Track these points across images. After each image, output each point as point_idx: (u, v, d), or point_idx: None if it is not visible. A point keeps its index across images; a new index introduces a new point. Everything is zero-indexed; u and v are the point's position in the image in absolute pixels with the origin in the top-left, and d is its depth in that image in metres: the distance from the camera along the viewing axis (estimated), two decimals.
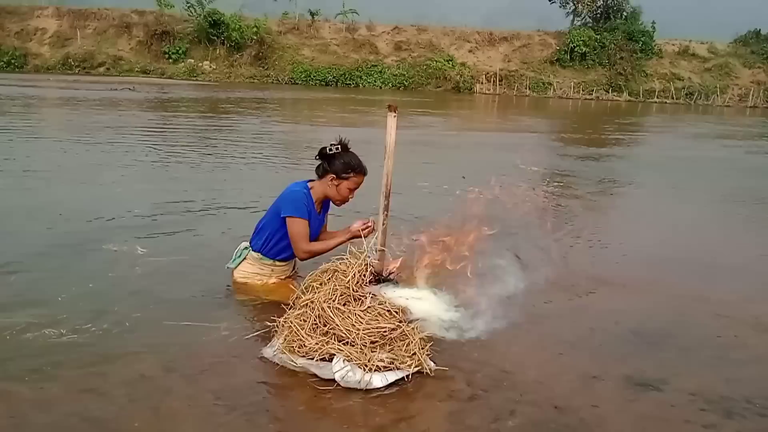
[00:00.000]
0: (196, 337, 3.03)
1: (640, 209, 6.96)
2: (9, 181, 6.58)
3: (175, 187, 6.65)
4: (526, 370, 2.88)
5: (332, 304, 2.83)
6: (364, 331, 2.73)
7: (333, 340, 2.75)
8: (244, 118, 15.87)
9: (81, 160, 8.24)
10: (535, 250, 4.67)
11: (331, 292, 2.89)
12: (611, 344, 3.24)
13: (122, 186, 6.56)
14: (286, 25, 45.66)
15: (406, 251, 3.22)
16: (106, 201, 5.77)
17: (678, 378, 2.89)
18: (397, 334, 2.79)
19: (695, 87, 42.89)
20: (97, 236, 4.57)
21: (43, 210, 5.34)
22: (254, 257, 3.60)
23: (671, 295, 4.02)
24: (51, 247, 4.28)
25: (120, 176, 7.08)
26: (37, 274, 3.79)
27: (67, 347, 2.84)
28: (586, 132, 16.87)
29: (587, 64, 43.72)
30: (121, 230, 4.80)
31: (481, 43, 46.02)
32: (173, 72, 39.93)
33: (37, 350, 2.80)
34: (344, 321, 2.77)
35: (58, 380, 2.57)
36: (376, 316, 2.82)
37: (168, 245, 4.52)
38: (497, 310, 3.28)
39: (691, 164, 10.99)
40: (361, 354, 2.67)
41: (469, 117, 22.59)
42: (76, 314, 3.18)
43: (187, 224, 5.13)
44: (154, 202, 5.78)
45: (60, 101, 18.40)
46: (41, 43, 41.80)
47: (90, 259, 4.11)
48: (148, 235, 4.69)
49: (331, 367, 2.66)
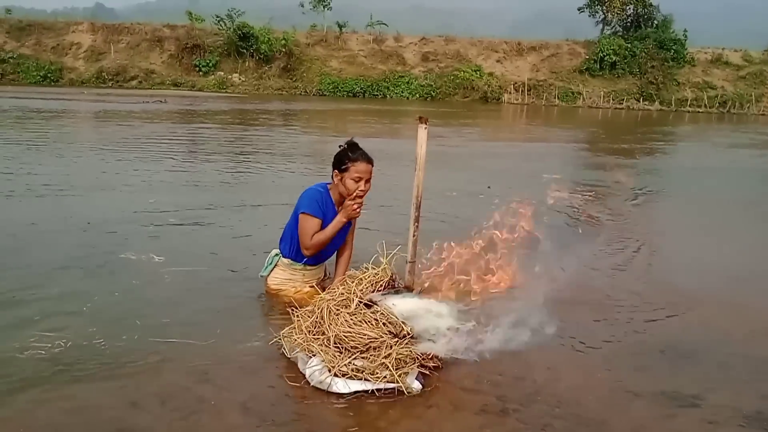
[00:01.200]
0: (226, 346, 3.04)
1: (674, 220, 6.83)
2: (40, 191, 6.72)
3: (200, 196, 6.74)
4: (559, 384, 2.83)
5: (329, 304, 2.85)
6: (344, 333, 2.73)
7: (324, 340, 2.76)
8: (272, 129, 16.05)
9: (110, 169, 8.36)
10: (565, 262, 4.61)
11: (336, 294, 2.91)
12: (646, 358, 3.17)
13: (150, 195, 6.65)
14: (314, 37, 46.12)
15: (436, 262, 3.19)
16: (131, 210, 5.85)
17: (715, 393, 2.82)
18: (377, 344, 2.73)
19: (729, 95, 42.08)
20: (123, 244, 4.63)
21: (71, 219, 5.44)
22: (285, 263, 3.61)
23: (707, 309, 3.93)
24: (77, 258, 4.35)
25: (147, 186, 7.19)
26: (64, 284, 3.85)
27: (97, 356, 2.88)
28: (616, 142, 16.65)
29: (617, 73, 43.25)
30: (145, 239, 4.87)
31: (509, 53, 45.86)
32: (203, 84, 40.59)
33: (68, 360, 2.83)
34: (331, 320, 2.79)
35: (90, 389, 2.60)
36: (360, 321, 2.79)
37: (192, 254, 4.55)
38: (528, 323, 3.24)
39: (723, 174, 10.76)
40: (333, 357, 2.68)
41: (497, 127, 22.49)
42: (103, 324, 3.23)
43: (212, 232, 5.19)
44: (177, 211, 5.87)
45: (93, 114, 18.81)
46: (76, 58, 42.87)
47: (115, 268, 4.16)
48: (171, 245, 4.76)
49: (307, 363, 2.71)
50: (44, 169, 8.05)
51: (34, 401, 2.49)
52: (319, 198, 3.41)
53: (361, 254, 4.56)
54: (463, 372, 2.82)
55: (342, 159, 3.36)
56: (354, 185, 3.35)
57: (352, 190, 3.36)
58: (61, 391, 2.58)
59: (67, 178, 7.54)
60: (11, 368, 2.72)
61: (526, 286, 3.35)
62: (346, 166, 3.34)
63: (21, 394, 2.53)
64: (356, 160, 3.34)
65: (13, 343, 2.95)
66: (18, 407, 2.44)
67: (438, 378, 2.79)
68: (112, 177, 7.76)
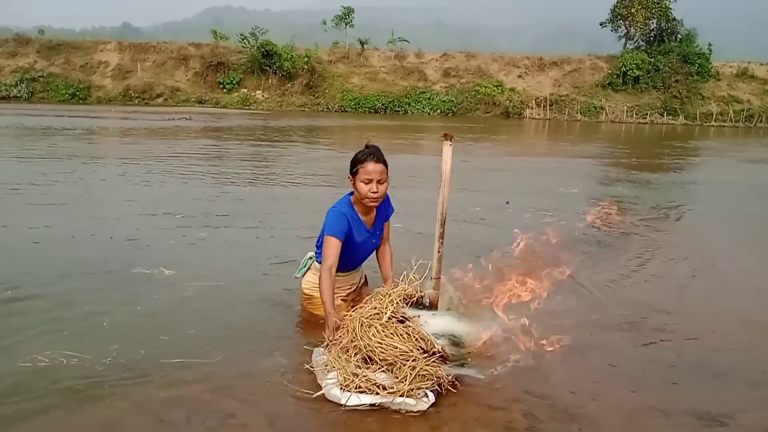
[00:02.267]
0: (251, 361, 3.05)
1: (705, 236, 6.70)
2: (66, 206, 6.85)
3: (217, 209, 6.81)
4: (585, 403, 2.79)
5: (361, 318, 2.84)
6: (375, 344, 2.72)
7: (353, 352, 2.77)
8: (294, 145, 16.18)
9: (133, 184, 8.51)
10: (594, 279, 4.56)
11: (367, 309, 2.90)
12: (674, 376, 3.12)
13: (173, 207, 6.72)
14: (336, 54, 46.62)
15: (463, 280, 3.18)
16: (154, 225, 5.93)
17: (745, 413, 2.76)
18: (406, 358, 2.71)
19: (755, 110, 41.50)
20: (146, 258, 4.68)
21: (94, 232, 5.53)
22: (317, 267, 3.54)
23: (737, 327, 3.85)
24: (103, 272, 4.41)
25: (172, 199, 7.27)
26: (83, 297, 3.91)
27: (120, 372, 2.90)
28: (640, 157, 16.48)
29: (641, 87, 42.96)
30: (166, 253, 4.92)
31: (531, 68, 45.84)
32: (227, 101, 41.20)
33: (92, 376, 2.87)
34: (363, 332, 2.78)
35: (120, 403, 2.63)
36: (392, 334, 2.78)
37: (212, 268, 4.59)
38: (554, 341, 3.22)
39: (750, 190, 10.58)
40: (354, 371, 2.68)
41: (519, 142, 22.42)
42: (125, 341, 3.26)
43: (232, 246, 5.23)
44: (197, 224, 5.94)
45: (121, 131, 19.17)
46: (104, 76, 43.83)
47: (137, 282, 4.21)
48: (191, 259, 4.81)
49: (325, 379, 2.72)
50: (69, 187, 8.22)
51: (60, 420, 2.51)
52: (342, 220, 3.33)
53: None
54: (488, 390, 2.80)
55: (353, 163, 3.34)
56: (365, 187, 3.28)
57: (364, 192, 3.29)
58: (88, 410, 2.59)
59: (94, 192, 7.68)
60: (32, 386, 2.75)
61: (546, 302, 3.33)
62: (356, 168, 3.31)
63: (46, 414, 2.55)
64: (364, 161, 3.29)
65: (29, 359, 2.98)
66: (44, 428, 2.46)
67: (461, 393, 2.77)
68: (138, 191, 7.88)
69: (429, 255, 3.18)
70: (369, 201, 3.33)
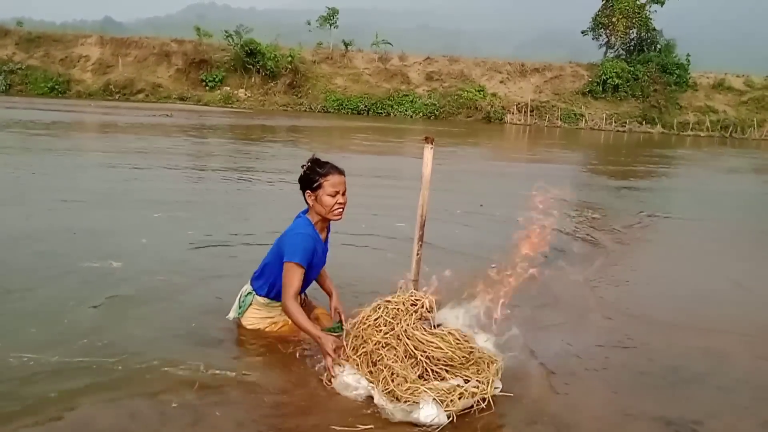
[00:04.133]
0: (175, 365, 3.08)
1: (677, 244, 6.84)
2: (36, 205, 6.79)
3: (194, 212, 6.81)
4: (558, 406, 2.85)
5: (413, 332, 2.79)
6: (455, 350, 2.73)
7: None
8: (276, 145, 16.16)
9: (105, 182, 8.38)
10: (567, 285, 4.65)
11: (412, 321, 2.84)
12: (646, 382, 3.18)
13: (147, 210, 6.69)
14: (320, 54, 46.56)
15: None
16: (121, 221, 5.92)
17: (715, 419, 2.83)
18: (474, 358, 2.78)
19: (731, 120, 42.29)
20: (99, 251, 4.68)
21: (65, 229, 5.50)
22: (261, 302, 3.30)
23: (709, 334, 3.94)
24: (70, 274, 4.41)
25: (146, 200, 7.24)
26: (46, 295, 3.91)
27: (90, 371, 2.93)
28: (618, 164, 16.74)
29: (620, 95, 43.53)
30: (120, 246, 4.93)
31: (513, 74, 46.19)
32: (209, 99, 40.94)
33: (61, 376, 2.89)
34: (427, 341, 2.76)
35: (87, 403, 2.66)
36: (442, 339, 2.78)
37: (163, 262, 4.60)
38: (531, 348, 3.29)
39: (726, 199, 10.82)
40: (446, 392, 2.62)
41: (500, 147, 22.61)
42: (85, 339, 3.28)
43: (191, 244, 5.23)
44: (163, 219, 5.92)
45: (100, 126, 18.97)
46: (84, 70, 43.26)
47: (83, 274, 4.21)
48: (144, 252, 4.81)
49: (418, 411, 2.56)
50: (45, 181, 8.15)
51: (36, 424, 2.46)
52: (312, 246, 3.12)
53: (367, 275, 4.62)
54: None
55: (312, 177, 3.13)
56: (332, 200, 3.11)
57: (330, 205, 3.11)
58: (63, 408, 2.57)
59: (69, 189, 7.63)
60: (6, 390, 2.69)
61: (521, 311, 3.40)
62: (318, 183, 3.10)
63: (24, 416, 2.50)
64: (328, 173, 3.12)
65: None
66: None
67: None
68: (111, 190, 7.83)
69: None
70: (336, 215, 3.16)
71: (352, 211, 3.49)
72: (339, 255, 5.03)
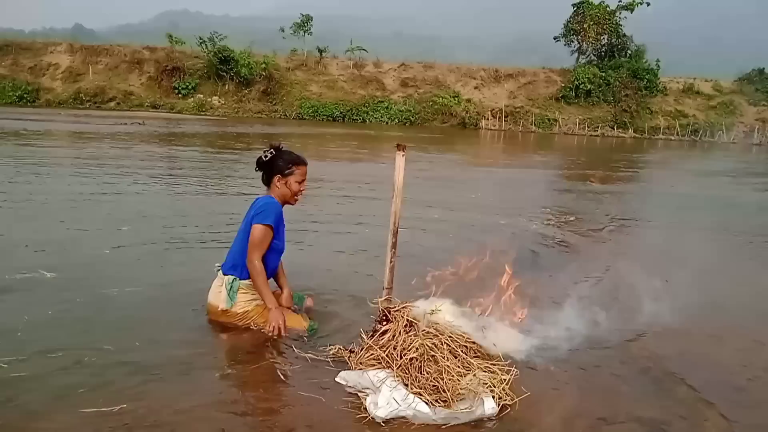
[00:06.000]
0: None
1: (651, 246, 6.91)
2: None
3: (167, 220, 6.69)
4: (538, 412, 2.83)
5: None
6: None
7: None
8: (250, 153, 16.01)
9: (72, 190, 8.17)
10: (539, 286, 4.64)
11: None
12: (617, 383, 3.20)
13: (118, 216, 6.57)
14: (294, 61, 46.48)
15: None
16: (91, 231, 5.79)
17: (684, 421, 2.85)
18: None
19: (700, 124, 43.18)
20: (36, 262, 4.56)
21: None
22: (246, 285, 3.48)
23: (680, 335, 3.97)
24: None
25: (115, 208, 7.11)
26: None
27: (44, 378, 2.83)
28: (591, 168, 16.92)
29: (592, 101, 44.17)
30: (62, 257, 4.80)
31: (487, 80, 46.61)
32: (183, 107, 40.56)
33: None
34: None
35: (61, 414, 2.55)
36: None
37: (98, 275, 4.48)
38: (509, 351, 3.26)
39: (696, 201, 10.98)
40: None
41: (476, 153, 22.74)
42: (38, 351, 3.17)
43: (172, 255, 5.14)
44: (151, 233, 5.81)
45: (69, 135, 18.63)
46: (53, 78, 42.62)
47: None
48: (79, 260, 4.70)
49: (482, 406, 2.70)
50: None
51: None
52: (280, 212, 3.49)
53: (344, 278, 4.57)
54: None
55: (286, 164, 3.50)
56: (298, 186, 3.54)
57: (296, 191, 3.54)
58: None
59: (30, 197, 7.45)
60: None
61: (499, 313, 3.38)
62: (290, 170, 3.50)
63: None
64: (301, 162, 3.56)
65: None
66: None
67: None
68: (79, 199, 7.67)
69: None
70: (296, 200, 3.60)
71: (333, 218, 3.47)
72: (315, 261, 4.94)
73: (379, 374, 2.79)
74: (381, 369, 2.84)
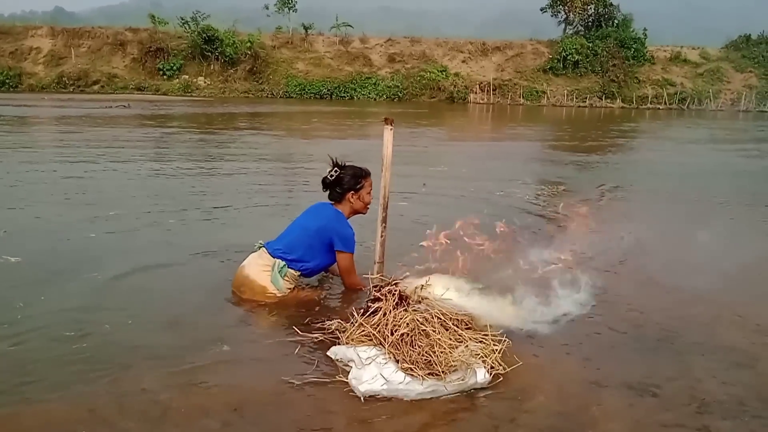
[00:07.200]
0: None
1: (639, 214, 6.96)
2: None
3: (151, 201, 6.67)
4: (531, 380, 2.88)
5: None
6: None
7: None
8: (238, 133, 15.91)
9: (57, 176, 8.14)
10: (525, 256, 4.68)
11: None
12: (608, 349, 3.25)
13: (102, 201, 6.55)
14: (279, 39, 45.93)
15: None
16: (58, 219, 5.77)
17: (675, 382, 2.90)
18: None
19: (688, 92, 43.18)
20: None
21: None
22: (291, 275, 3.68)
23: (667, 301, 4.03)
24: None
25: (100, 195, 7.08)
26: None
27: (49, 367, 2.85)
28: (580, 139, 16.95)
29: (580, 71, 44.02)
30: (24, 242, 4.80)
31: (474, 54, 46.30)
32: (168, 88, 40.10)
33: None
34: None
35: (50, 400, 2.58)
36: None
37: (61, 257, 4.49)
38: (494, 315, 3.30)
39: (685, 169, 11.05)
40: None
41: (464, 127, 22.69)
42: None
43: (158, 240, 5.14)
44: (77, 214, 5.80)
45: (53, 119, 18.42)
46: (35, 63, 41.97)
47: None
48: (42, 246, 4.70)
49: (475, 376, 2.75)
50: None
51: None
52: (354, 235, 3.69)
53: None
54: None
55: (356, 179, 3.70)
56: (369, 197, 3.78)
57: (368, 202, 3.78)
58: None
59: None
60: None
61: (491, 281, 3.42)
62: (361, 184, 3.71)
63: None
64: (366, 175, 3.75)
65: None
66: None
67: None
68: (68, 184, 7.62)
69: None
70: (367, 210, 3.82)
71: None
72: None
73: (369, 351, 2.82)
74: (372, 346, 2.87)
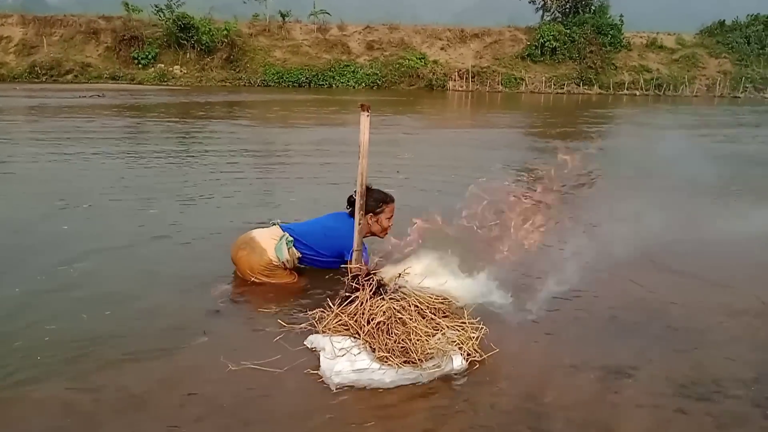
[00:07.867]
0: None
1: (616, 199, 7.03)
2: None
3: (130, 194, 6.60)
4: (509, 365, 2.90)
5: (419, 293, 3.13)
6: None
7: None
8: (215, 122, 15.74)
9: (30, 167, 8.08)
10: (513, 241, 4.70)
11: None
12: (584, 333, 3.29)
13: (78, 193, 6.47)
14: (256, 27, 45.36)
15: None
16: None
17: (651, 365, 2.96)
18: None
19: (664, 78, 43.56)
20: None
21: None
22: (294, 254, 3.86)
23: (644, 285, 4.09)
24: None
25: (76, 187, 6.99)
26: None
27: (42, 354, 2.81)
28: (558, 126, 17.05)
29: (558, 58, 44.16)
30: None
31: (453, 41, 46.20)
32: (143, 77, 39.43)
33: None
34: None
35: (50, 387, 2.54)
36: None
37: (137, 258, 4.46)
38: (474, 299, 3.32)
39: (660, 154, 11.17)
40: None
41: (443, 114, 22.69)
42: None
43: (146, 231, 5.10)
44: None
45: (26, 109, 18.05)
46: (6, 52, 40.99)
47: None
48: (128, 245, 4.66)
49: (451, 363, 2.79)
50: None
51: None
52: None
53: None
54: None
55: (377, 203, 3.83)
56: (388, 222, 3.93)
57: (386, 227, 3.93)
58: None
59: None
60: None
61: (467, 267, 3.43)
62: (381, 208, 3.87)
63: None
64: (389, 201, 3.93)
65: None
66: None
67: None
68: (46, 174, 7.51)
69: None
70: (385, 234, 3.95)
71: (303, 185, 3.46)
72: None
73: (344, 342, 2.81)
74: (348, 336, 2.87)
